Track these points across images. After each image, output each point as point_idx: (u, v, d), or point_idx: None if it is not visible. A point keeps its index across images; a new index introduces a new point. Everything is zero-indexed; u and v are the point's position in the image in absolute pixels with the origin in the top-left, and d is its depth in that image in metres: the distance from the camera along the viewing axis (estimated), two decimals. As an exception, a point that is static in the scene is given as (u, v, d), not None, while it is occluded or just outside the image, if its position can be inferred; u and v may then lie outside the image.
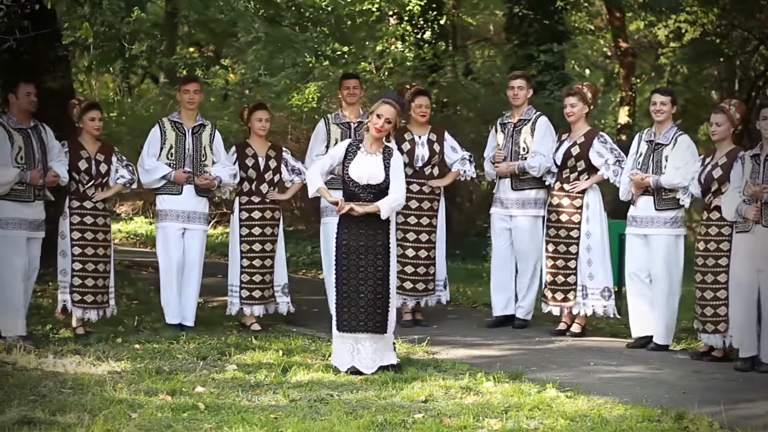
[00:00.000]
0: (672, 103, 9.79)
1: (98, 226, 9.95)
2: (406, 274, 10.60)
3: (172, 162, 10.27)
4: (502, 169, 10.61)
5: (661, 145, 9.66)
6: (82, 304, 9.88)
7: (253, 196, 10.47)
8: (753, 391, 8.01)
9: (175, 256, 10.26)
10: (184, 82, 10.64)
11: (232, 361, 8.83)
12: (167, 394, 7.46)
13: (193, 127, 10.37)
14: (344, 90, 10.85)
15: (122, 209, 22.77)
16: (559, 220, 10.30)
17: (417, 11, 18.13)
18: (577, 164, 10.22)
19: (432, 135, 10.76)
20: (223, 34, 19.71)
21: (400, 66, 17.88)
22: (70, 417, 6.78)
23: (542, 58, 17.66)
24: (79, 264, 9.88)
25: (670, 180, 9.52)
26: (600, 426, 6.81)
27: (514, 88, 10.68)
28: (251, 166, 10.44)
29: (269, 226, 10.47)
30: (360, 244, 8.39)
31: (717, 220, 9.13)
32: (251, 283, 10.40)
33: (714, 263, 9.14)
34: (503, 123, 10.78)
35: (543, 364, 8.95)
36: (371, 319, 8.39)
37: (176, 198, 10.26)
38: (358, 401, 7.41)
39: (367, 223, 8.40)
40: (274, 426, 6.66)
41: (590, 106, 10.36)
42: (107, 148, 10.14)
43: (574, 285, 10.23)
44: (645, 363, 9.06)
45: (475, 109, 18.14)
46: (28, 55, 11.98)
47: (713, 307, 9.14)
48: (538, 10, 17.91)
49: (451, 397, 7.61)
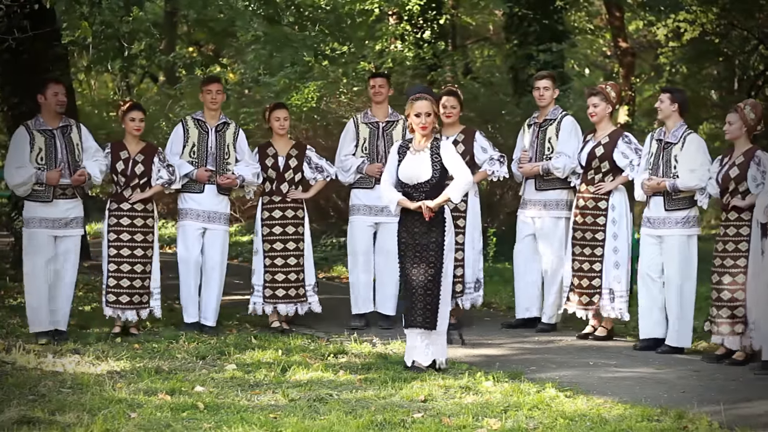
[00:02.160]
0: (671, 100, 9.73)
1: (136, 227, 9.95)
2: None
3: (194, 160, 10.29)
4: (526, 170, 10.52)
5: (670, 144, 9.59)
6: (116, 305, 9.90)
7: (273, 196, 10.49)
8: (752, 390, 8.00)
9: (194, 255, 10.27)
10: (206, 82, 10.62)
11: (231, 360, 8.83)
12: (166, 394, 7.47)
13: (217, 125, 10.38)
14: (371, 89, 10.83)
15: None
16: (584, 222, 10.16)
17: (416, 11, 18.12)
18: (602, 165, 10.10)
19: (459, 136, 10.63)
20: (222, 33, 19.74)
21: (399, 65, 17.85)
22: (69, 416, 6.78)
23: (541, 57, 17.64)
24: (114, 265, 9.91)
25: (687, 183, 9.42)
26: (599, 425, 6.81)
27: (539, 88, 10.59)
28: (271, 166, 10.46)
29: (291, 224, 10.47)
30: (416, 242, 8.43)
31: (735, 220, 9.07)
32: (274, 282, 10.41)
33: (732, 264, 9.07)
34: (530, 124, 10.71)
35: (542, 363, 8.95)
36: (421, 315, 8.41)
37: (198, 197, 10.27)
38: (357, 401, 7.41)
39: (422, 221, 8.41)
40: (273, 425, 6.66)
41: (614, 105, 10.28)
42: (150, 149, 10.14)
43: (599, 288, 10.09)
44: (644, 363, 9.05)
45: (474, 109, 18.06)
46: (28, 54, 12.00)
47: (730, 309, 9.05)
48: (537, 10, 17.90)
49: (450, 396, 7.61)
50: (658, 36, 22.47)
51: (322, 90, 16.71)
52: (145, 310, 10.02)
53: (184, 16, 17.40)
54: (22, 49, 11.13)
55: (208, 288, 10.33)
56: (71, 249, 9.75)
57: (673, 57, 23.34)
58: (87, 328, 10.25)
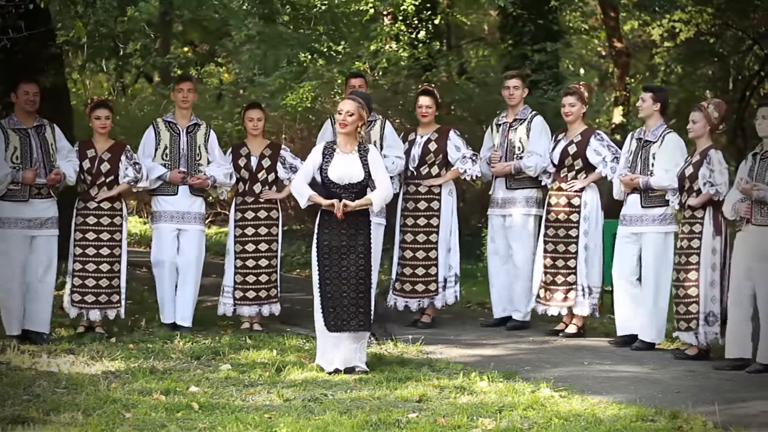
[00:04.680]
0: (653, 99, 9.78)
1: (102, 226, 9.92)
2: (405, 276, 10.61)
3: (167, 162, 10.26)
4: (498, 169, 10.60)
5: (649, 143, 9.70)
6: (81, 304, 9.87)
7: (246, 196, 10.46)
8: (747, 390, 8.01)
9: (168, 257, 10.25)
10: (178, 81, 10.65)
11: (226, 360, 8.83)
12: (161, 394, 7.46)
13: (188, 126, 10.36)
14: (349, 89, 10.80)
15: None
16: (557, 219, 10.28)
17: (411, 11, 18.08)
18: (575, 163, 10.22)
19: (433, 135, 10.72)
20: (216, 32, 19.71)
21: (394, 66, 17.85)
22: (64, 416, 6.76)
23: (536, 57, 17.66)
24: (79, 264, 9.87)
25: (660, 182, 9.55)
26: (594, 425, 6.81)
27: (509, 87, 10.68)
28: (243, 166, 10.43)
29: (264, 225, 10.45)
30: (342, 244, 8.40)
31: (690, 217, 9.25)
32: (245, 284, 10.39)
33: (686, 261, 9.24)
34: (498, 123, 10.79)
35: (537, 363, 8.96)
36: (354, 318, 8.41)
37: (171, 198, 10.24)
38: (352, 401, 7.41)
39: (348, 223, 8.41)
40: (268, 425, 6.65)
41: (586, 104, 10.38)
42: (117, 147, 10.10)
43: (574, 284, 10.21)
44: (639, 363, 9.06)
45: (469, 109, 18.12)
46: (22, 54, 11.97)
47: (685, 305, 9.22)
48: (532, 10, 17.91)
49: (445, 396, 7.61)
50: (653, 36, 22.50)
51: (317, 90, 16.70)
52: (113, 309, 9.98)
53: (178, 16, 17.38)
54: (17, 49, 11.11)
55: (183, 288, 10.29)
56: (48, 248, 9.67)
57: (668, 57, 23.36)
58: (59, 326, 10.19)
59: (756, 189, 8.60)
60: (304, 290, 10.91)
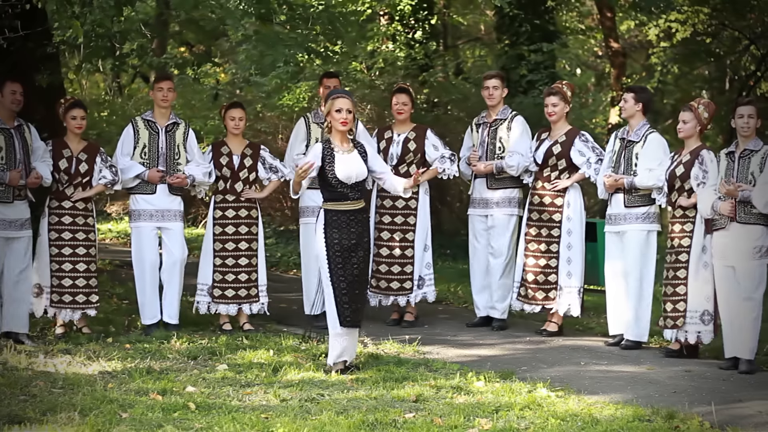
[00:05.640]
0: (635, 100, 9.83)
1: (78, 225, 9.90)
2: (381, 273, 10.62)
3: (145, 161, 10.23)
4: (480, 168, 10.61)
5: (632, 143, 9.76)
6: (59, 305, 9.85)
7: (227, 195, 10.45)
8: (744, 390, 8.03)
9: (149, 256, 10.24)
10: (157, 80, 10.62)
11: (222, 360, 8.82)
12: (158, 394, 7.46)
13: (167, 125, 10.34)
14: (325, 89, 10.76)
15: (113, 209, 22.75)
16: (540, 218, 10.31)
17: (408, 11, 18.13)
18: (558, 163, 10.24)
19: (411, 133, 10.74)
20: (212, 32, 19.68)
21: (391, 66, 17.87)
22: (60, 417, 6.76)
23: (533, 57, 17.67)
24: (56, 264, 9.84)
25: (644, 181, 9.58)
26: (590, 425, 6.82)
27: (489, 87, 10.70)
28: (225, 164, 10.42)
29: (244, 224, 10.44)
30: (352, 243, 8.40)
31: (680, 217, 9.29)
32: (223, 282, 10.37)
33: (675, 259, 9.29)
34: (478, 123, 10.81)
35: (533, 363, 8.96)
36: (359, 314, 8.49)
37: (150, 197, 10.22)
38: (348, 401, 7.41)
39: (356, 222, 8.43)
40: (264, 425, 6.65)
41: (569, 104, 10.40)
42: (92, 148, 10.10)
43: (555, 283, 10.25)
44: (636, 362, 9.07)
45: (465, 109, 18.11)
46: (18, 54, 11.95)
47: (673, 303, 9.27)
48: (528, 10, 17.92)
49: (441, 396, 7.61)
50: (649, 36, 22.51)
51: (313, 90, 16.70)
52: (92, 309, 9.98)
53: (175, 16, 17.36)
54: (13, 49, 11.08)
55: (170, 286, 10.27)
56: (27, 248, 9.65)
57: (665, 57, 23.37)
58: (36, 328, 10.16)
59: (740, 189, 8.65)
60: (300, 290, 10.89)
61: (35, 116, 10.80)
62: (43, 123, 11.05)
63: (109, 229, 20.23)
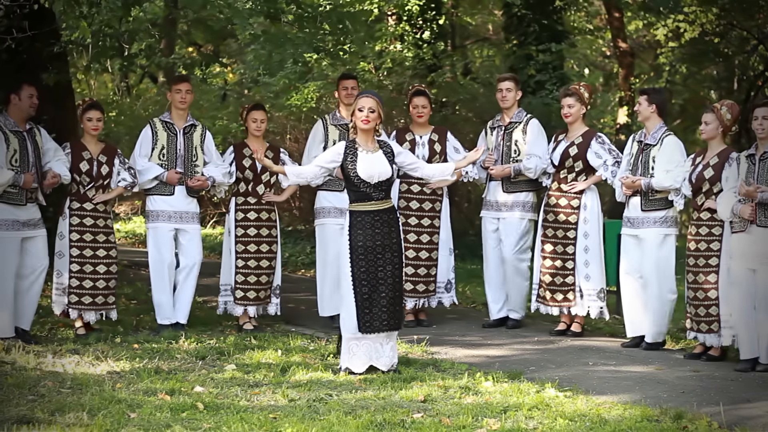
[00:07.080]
0: (648, 102, 9.78)
1: (99, 227, 9.93)
2: (407, 275, 10.59)
3: (163, 162, 10.25)
4: (497, 171, 10.59)
5: (649, 146, 9.70)
6: (79, 306, 9.86)
7: (249, 197, 10.46)
8: (752, 391, 8.01)
9: (167, 256, 10.26)
10: (175, 81, 10.62)
11: (231, 360, 8.83)
12: (166, 394, 7.46)
13: (184, 127, 10.34)
14: (342, 90, 10.79)
15: (121, 209, 22.81)
16: (556, 220, 10.30)
17: (416, 11, 18.12)
18: (575, 165, 10.22)
19: (434, 135, 10.74)
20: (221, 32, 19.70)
21: (399, 66, 17.86)
22: (69, 417, 6.77)
23: (541, 57, 17.66)
24: (77, 265, 9.86)
25: (661, 183, 9.54)
26: (599, 426, 6.81)
27: (502, 90, 10.67)
28: (248, 167, 10.43)
29: (265, 227, 10.46)
30: (377, 244, 8.37)
31: (708, 220, 9.18)
32: (246, 284, 10.39)
33: (705, 263, 9.19)
34: (493, 126, 10.77)
35: (542, 363, 8.96)
36: (392, 317, 8.41)
37: (168, 198, 10.23)
38: (357, 401, 7.41)
39: (382, 222, 8.40)
40: (272, 426, 6.65)
41: (587, 106, 10.36)
42: (110, 150, 10.12)
43: (573, 285, 10.23)
44: (644, 363, 9.06)
45: (473, 109, 18.12)
46: (27, 54, 11.96)
47: (705, 307, 9.18)
48: (536, 10, 17.91)
49: (450, 397, 7.61)
50: (657, 36, 22.45)
51: (322, 90, 16.71)
52: (113, 311, 10.00)
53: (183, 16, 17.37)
54: (21, 49, 11.10)
55: (185, 287, 10.29)
56: (44, 247, 9.68)
57: (673, 57, 23.31)
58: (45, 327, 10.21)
59: (760, 191, 8.60)
60: (308, 290, 10.91)
61: (43, 116, 10.79)
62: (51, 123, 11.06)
63: (117, 229, 20.27)
